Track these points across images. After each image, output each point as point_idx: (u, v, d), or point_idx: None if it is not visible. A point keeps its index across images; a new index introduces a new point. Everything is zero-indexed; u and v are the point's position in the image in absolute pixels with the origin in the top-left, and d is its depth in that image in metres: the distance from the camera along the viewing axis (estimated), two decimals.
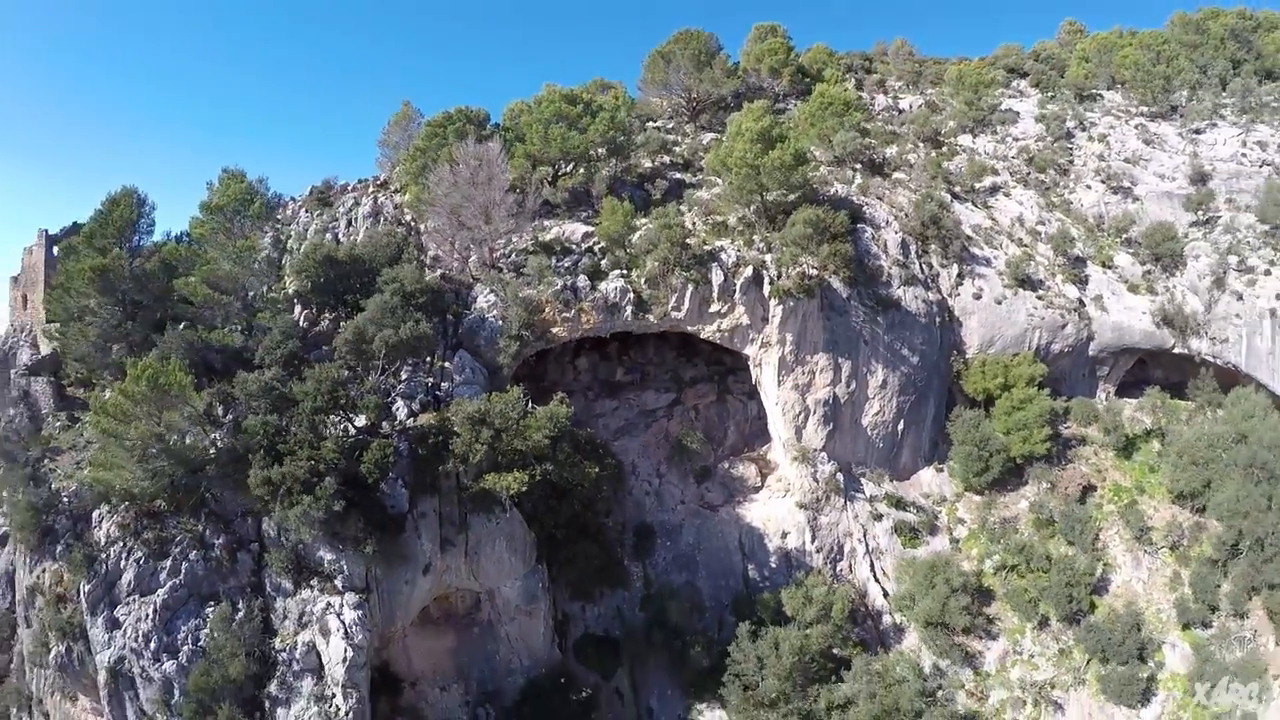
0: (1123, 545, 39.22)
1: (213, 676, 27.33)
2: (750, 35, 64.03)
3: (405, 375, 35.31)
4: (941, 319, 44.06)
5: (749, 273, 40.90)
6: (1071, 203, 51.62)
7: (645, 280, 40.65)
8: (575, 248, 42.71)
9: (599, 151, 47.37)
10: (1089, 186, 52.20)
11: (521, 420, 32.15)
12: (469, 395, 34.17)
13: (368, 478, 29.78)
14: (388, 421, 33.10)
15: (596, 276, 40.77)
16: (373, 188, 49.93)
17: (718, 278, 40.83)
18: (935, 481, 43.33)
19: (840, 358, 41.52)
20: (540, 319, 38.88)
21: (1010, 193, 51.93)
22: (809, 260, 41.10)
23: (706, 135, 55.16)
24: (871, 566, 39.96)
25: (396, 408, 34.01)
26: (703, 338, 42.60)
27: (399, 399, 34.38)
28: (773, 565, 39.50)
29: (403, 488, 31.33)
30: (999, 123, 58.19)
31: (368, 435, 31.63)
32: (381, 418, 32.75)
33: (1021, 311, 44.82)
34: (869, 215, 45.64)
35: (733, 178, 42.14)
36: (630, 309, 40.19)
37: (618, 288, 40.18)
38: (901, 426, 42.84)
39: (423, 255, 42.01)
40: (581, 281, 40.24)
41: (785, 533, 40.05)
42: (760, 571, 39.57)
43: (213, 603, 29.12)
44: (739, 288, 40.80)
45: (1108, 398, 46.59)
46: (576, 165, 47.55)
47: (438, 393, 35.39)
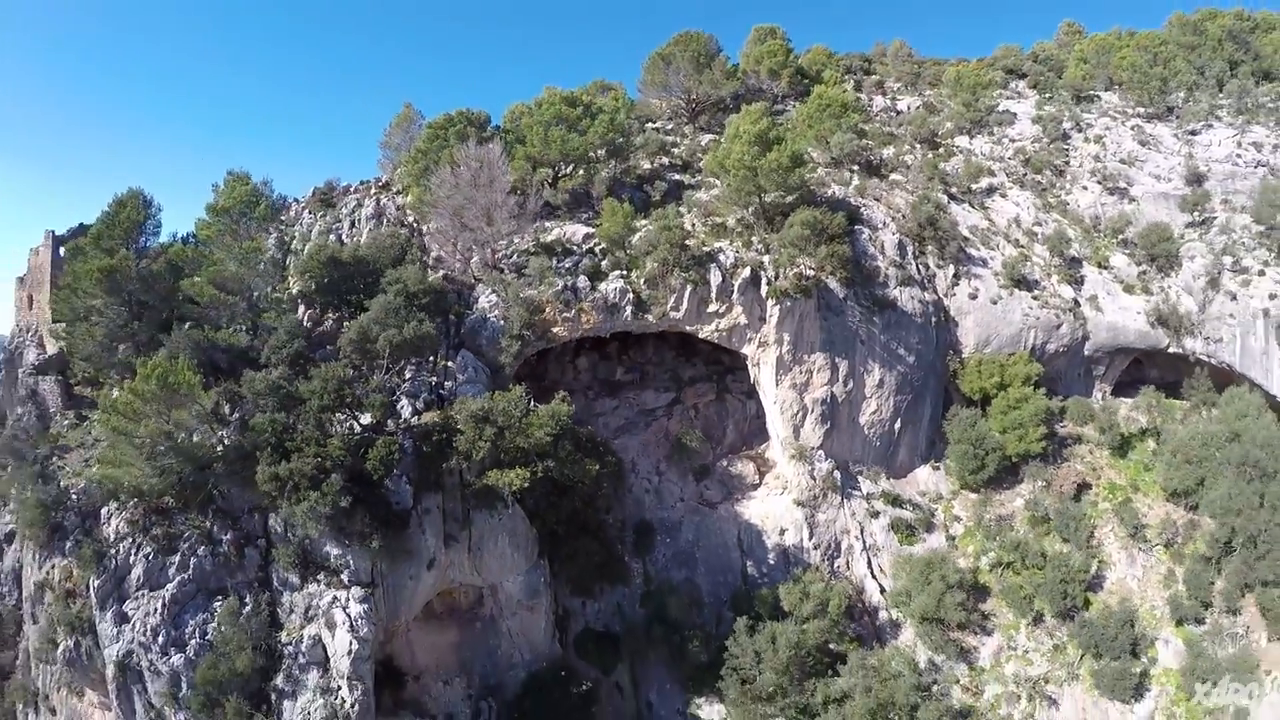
0: (1117, 542, 39.63)
1: (220, 669, 27.73)
2: (750, 37, 64.41)
3: (409, 374, 35.75)
4: (938, 319, 44.47)
5: (747, 273, 41.36)
6: (1068, 203, 51.98)
7: (644, 281, 41.07)
8: (576, 249, 43.15)
9: (599, 153, 47.75)
10: (1085, 187, 52.56)
11: (524, 418, 32.58)
12: (472, 394, 34.65)
13: (373, 474, 30.22)
14: (392, 419, 33.60)
15: (596, 277, 41.21)
16: (375, 189, 50.14)
17: (716, 278, 41.26)
18: (932, 479, 43.78)
19: (837, 357, 41.95)
20: (541, 319, 39.35)
21: (1007, 194, 52.28)
22: (806, 261, 41.55)
23: (705, 137, 55.49)
24: (868, 563, 40.42)
25: (401, 406, 34.52)
26: (701, 338, 43.05)
27: (403, 397, 34.88)
28: (771, 562, 39.97)
29: (407, 484, 31.82)
30: (996, 124, 58.55)
31: (373, 433, 32.07)
32: (386, 416, 33.23)
33: (1017, 311, 45.23)
34: (866, 216, 46.06)
35: (731, 179, 42.55)
36: (630, 309, 40.64)
37: (617, 288, 40.64)
38: (898, 425, 43.28)
39: (425, 256, 42.44)
40: (582, 282, 40.70)
41: (783, 530, 40.52)
42: (758, 568, 40.03)
43: (220, 597, 29.52)
44: (737, 288, 41.25)
45: (1103, 397, 46.96)
46: (576, 167, 47.92)
47: (441, 391, 35.88)
